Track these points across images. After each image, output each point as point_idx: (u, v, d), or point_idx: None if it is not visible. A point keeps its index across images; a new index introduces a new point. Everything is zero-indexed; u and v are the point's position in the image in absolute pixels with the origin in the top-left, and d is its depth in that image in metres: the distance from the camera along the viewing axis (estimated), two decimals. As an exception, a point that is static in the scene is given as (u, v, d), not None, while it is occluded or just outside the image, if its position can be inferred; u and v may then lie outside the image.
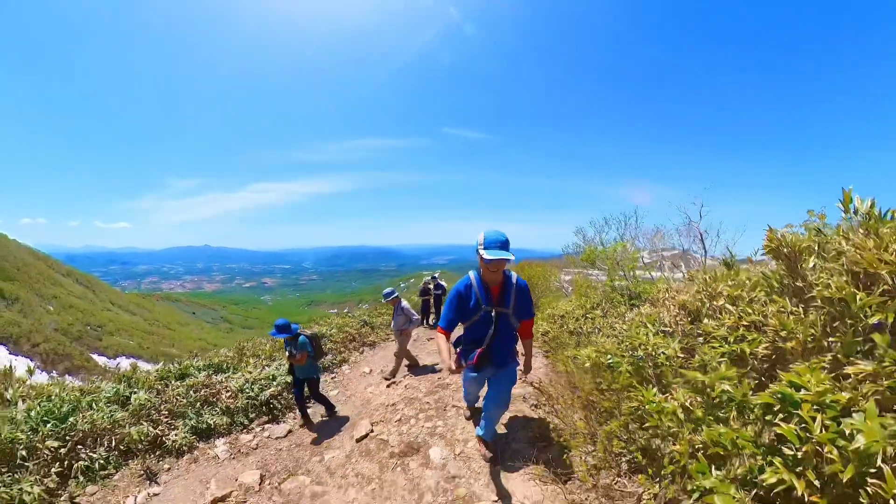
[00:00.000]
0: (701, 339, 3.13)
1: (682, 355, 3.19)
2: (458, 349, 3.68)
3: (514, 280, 3.44)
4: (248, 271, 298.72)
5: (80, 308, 60.08)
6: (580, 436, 3.67)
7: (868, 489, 1.41)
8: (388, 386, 6.93)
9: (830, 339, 2.16)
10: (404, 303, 7.51)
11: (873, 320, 1.95)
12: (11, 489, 3.60)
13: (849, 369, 1.86)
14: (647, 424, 2.72)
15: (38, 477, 3.85)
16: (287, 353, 5.46)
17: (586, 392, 3.96)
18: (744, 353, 2.58)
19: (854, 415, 1.58)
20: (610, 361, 3.80)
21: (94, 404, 4.98)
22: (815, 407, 1.73)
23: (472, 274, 3.50)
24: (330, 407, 5.82)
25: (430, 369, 7.60)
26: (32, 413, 4.51)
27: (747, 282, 3.26)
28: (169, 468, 4.61)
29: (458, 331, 3.80)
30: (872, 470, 1.44)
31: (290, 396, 6.21)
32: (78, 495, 4.00)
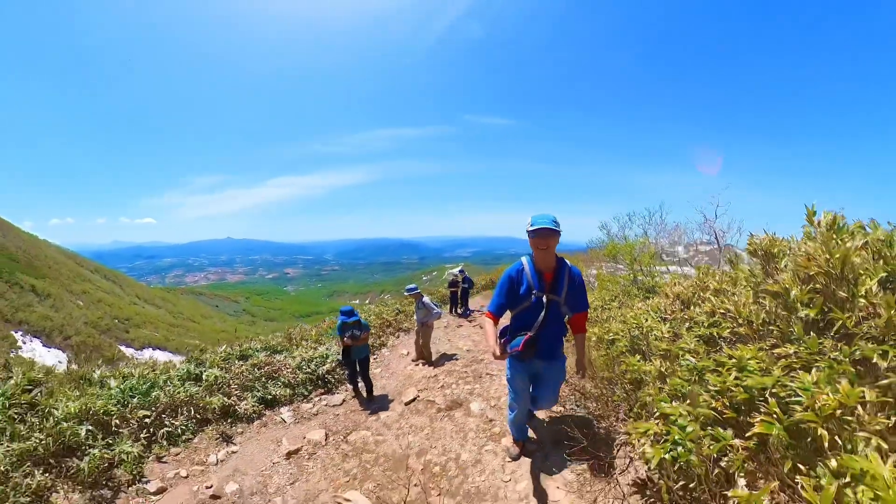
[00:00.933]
0: (687, 324, 3.94)
1: (667, 336, 4.04)
2: (503, 339, 3.63)
3: (568, 267, 3.45)
4: (270, 262, 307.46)
5: (107, 302, 65.06)
6: (588, 393, 4.81)
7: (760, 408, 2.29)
8: (426, 364, 8.06)
9: (771, 326, 2.84)
10: (426, 298, 8.15)
11: (802, 314, 2.56)
12: (113, 450, 4.46)
13: (776, 350, 2.55)
14: (628, 377, 3.95)
15: (130, 441, 4.71)
16: (349, 335, 6.15)
17: (591, 361, 5.03)
18: (713, 335, 3.35)
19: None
20: (611, 338, 4.98)
21: (169, 381, 5.98)
22: (737, 370, 2.57)
23: (524, 259, 3.52)
24: (371, 389, 6.52)
25: (449, 358, 8.32)
26: (120, 389, 5.46)
27: (740, 275, 4.00)
28: (242, 432, 5.57)
29: (505, 320, 3.85)
30: (761, 399, 2.31)
31: (343, 372, 7.26)
32: (164, 455, 4.85)
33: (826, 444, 1.90)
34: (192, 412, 5.51)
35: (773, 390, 2.25)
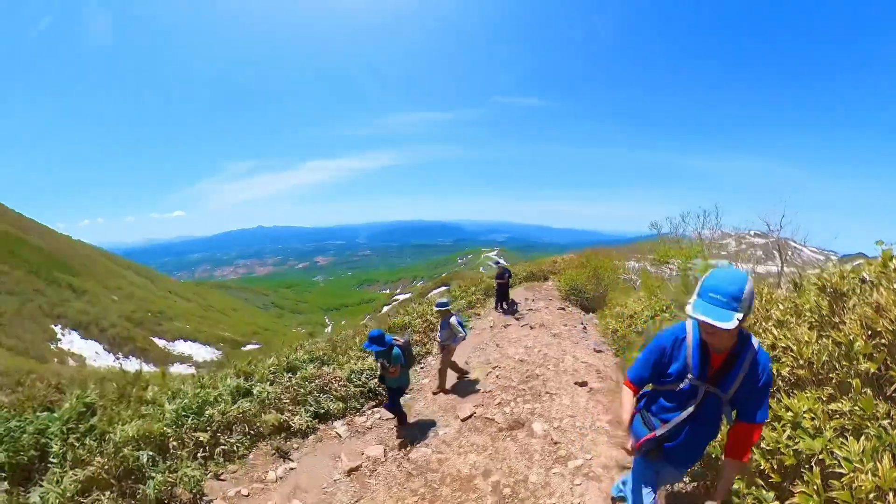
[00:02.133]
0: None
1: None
2: (638, 406, 2.94)
3: (753, 353, 2.48)
4: (300, 251, 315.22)
5: (140, 297, 71.05)
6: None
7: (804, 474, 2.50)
8: (447, 393, 7.57)
9: (831, 374, 2.91)
10: (454, 318, 7.54)
11: (862, 367, 2.61)
12: (175, 473, 4.77)
13: (831, 406, 2.63)
14: None
15: (189, 461, 5.03)
16: (380, 365, 5.93)
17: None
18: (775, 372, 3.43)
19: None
20: None
21: (220, 398, 6.20)
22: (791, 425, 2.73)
23: (689, 325, 2.66)
24: (402, 419, 6.31)
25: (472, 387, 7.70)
26: (174, 410, 5.65)
27: (804, 305, 3.94)
28: (297, 447, 5.81)
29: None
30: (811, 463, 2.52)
31: None
32: (221, 472, 5.11)
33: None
34: (247, 429, 5.81)
35: (821, 456, 2.36)
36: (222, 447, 5.46)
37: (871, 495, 1.95)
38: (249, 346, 70.12)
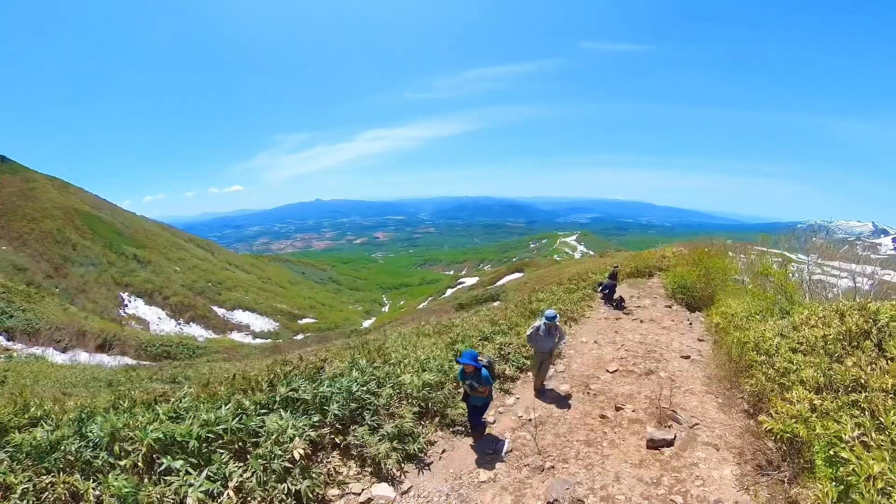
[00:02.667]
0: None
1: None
2: None
3: None
4: (359, 226, 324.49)
5: (201, 268, 77.16)
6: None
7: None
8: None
9: None
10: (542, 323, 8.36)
11: None
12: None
13: None
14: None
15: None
16: (469, 384, 6.40)
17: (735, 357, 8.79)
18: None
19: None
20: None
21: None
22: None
23: None
24: (482, 432, 6.98)
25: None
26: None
27: None
28: (511, 389, 8.93)
29: None
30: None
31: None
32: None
33: None
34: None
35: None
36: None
37: None
38: (306, 320, 74.62)
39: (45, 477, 4.25)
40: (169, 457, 4.59)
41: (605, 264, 27.94)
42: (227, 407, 5.45)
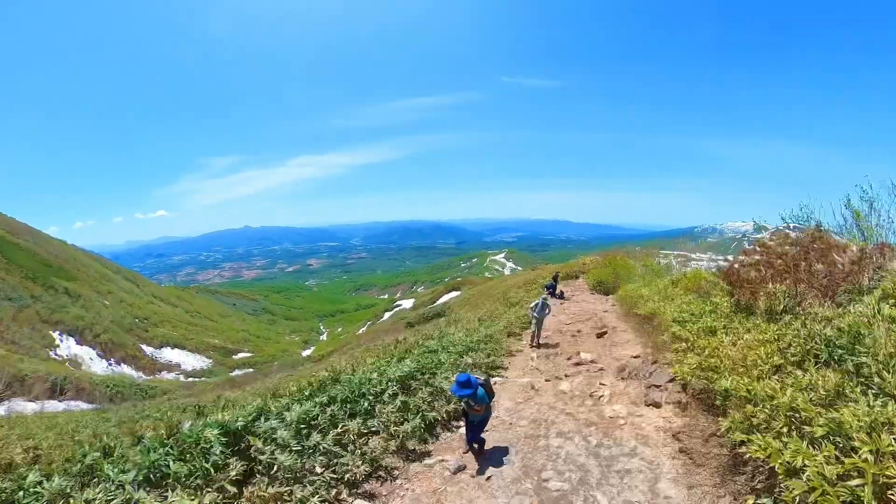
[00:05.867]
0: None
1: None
2: None
3: None
4: (291, 253, 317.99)
5: (128, 302, 72.95)
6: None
7: None
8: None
9: None
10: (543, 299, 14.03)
11: None
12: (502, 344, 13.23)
13: None
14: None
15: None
16: (465, 402, 6.53)
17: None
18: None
19: None
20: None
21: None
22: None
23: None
24: (481, 448, 6.86)
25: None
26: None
27: None
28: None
29: None
30: None
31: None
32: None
33: None
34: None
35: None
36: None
37: None
38: (241, 355, 71.99)
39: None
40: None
41: (538, 275, 35.75)
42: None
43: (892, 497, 2.77)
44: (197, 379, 54.63)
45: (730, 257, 15.36)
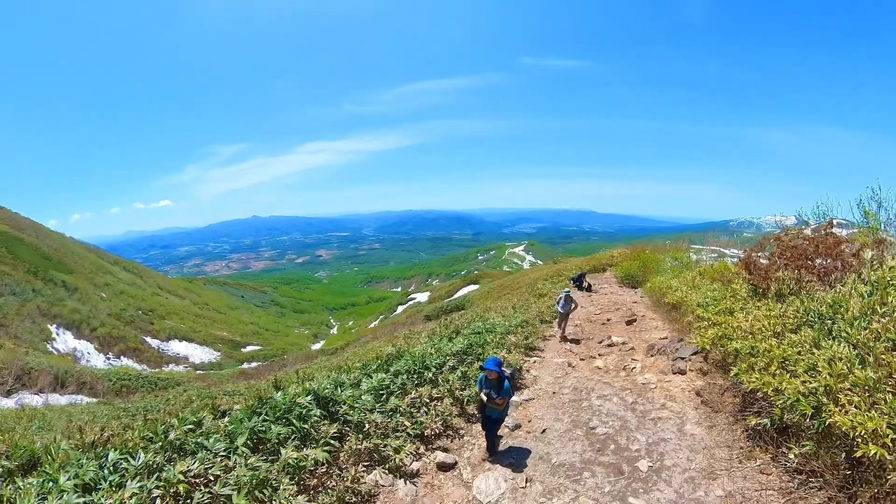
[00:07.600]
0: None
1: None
2: None
3: None
4: (300, 244, 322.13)
5: (129, 294, 75.40)
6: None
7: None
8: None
9: None
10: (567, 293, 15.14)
11: None
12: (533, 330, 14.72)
13: None
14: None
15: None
16: (486, 393, 6.38)
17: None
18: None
19: None
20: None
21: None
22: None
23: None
24: (494, 449, 6.91)
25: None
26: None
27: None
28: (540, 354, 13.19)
29: None
30: None
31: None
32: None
33: None
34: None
35: None
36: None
37: None
38: (250, 348, 74.63)
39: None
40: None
41: (560, 269, 37.16)
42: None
43: (839, 398, 4.32)
44: (206, 371, 55.74)
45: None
